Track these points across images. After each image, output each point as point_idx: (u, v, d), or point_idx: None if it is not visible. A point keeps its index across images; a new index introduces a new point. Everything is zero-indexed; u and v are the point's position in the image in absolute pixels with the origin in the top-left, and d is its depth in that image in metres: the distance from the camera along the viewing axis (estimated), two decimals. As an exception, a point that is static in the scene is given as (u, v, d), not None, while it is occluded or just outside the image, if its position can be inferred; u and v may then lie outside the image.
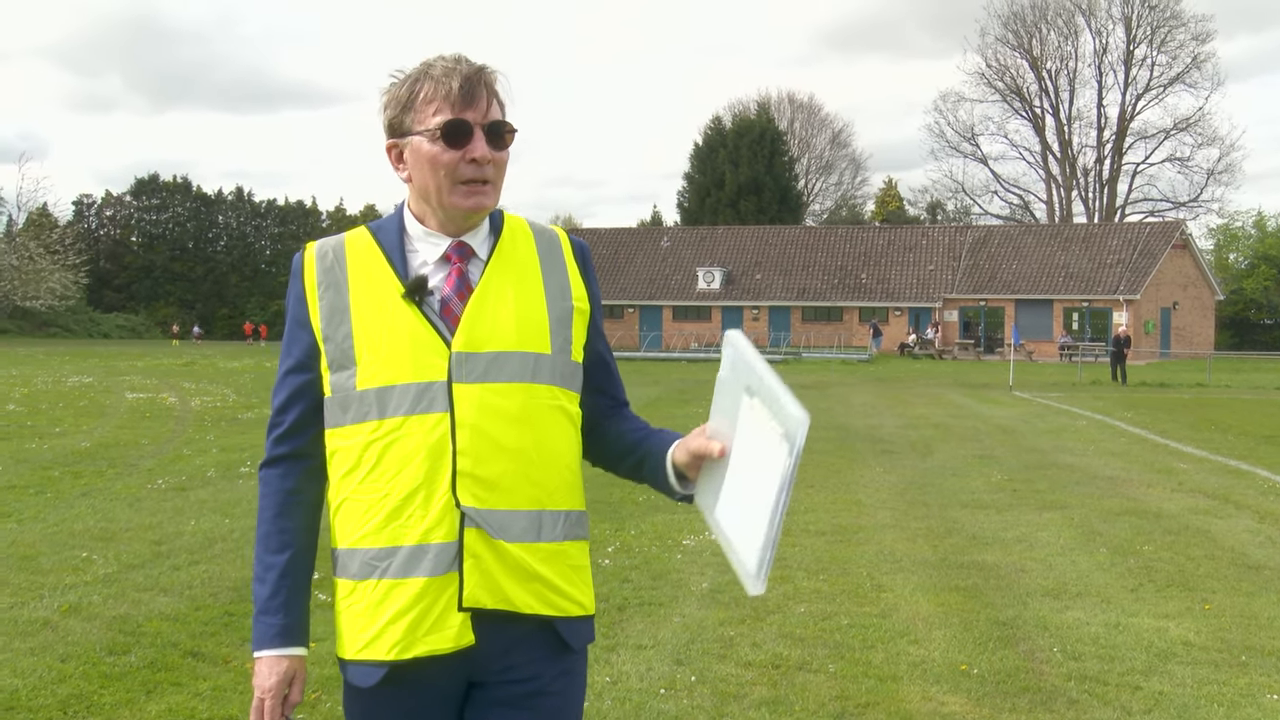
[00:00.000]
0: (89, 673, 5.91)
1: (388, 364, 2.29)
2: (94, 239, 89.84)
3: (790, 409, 2.04)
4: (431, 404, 2.27)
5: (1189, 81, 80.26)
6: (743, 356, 2.21)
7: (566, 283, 2.46)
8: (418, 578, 2.26)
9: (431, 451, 2.26)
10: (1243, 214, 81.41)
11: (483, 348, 2.30)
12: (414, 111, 2.31)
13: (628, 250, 71.81)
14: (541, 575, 2.33)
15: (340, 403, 2.33)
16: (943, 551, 9.11)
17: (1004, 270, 63.96)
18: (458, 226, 2.37)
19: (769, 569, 2.09)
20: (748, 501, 2.15)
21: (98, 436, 16.99)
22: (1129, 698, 5.72)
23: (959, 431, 19.23)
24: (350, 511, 2.32)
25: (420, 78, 2.32)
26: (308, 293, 2.38)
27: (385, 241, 2.39)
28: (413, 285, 2.32)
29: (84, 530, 9.59)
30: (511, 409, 2.31)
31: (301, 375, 2.38)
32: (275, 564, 2.37)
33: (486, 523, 2.27)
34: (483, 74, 2.32)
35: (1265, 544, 9.57)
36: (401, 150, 2.35)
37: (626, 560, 8.60)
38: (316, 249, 2.42)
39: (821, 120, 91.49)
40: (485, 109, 2.30)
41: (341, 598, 2.36)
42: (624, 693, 5.71)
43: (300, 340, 2.38)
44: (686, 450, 2.31)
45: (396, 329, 2.30)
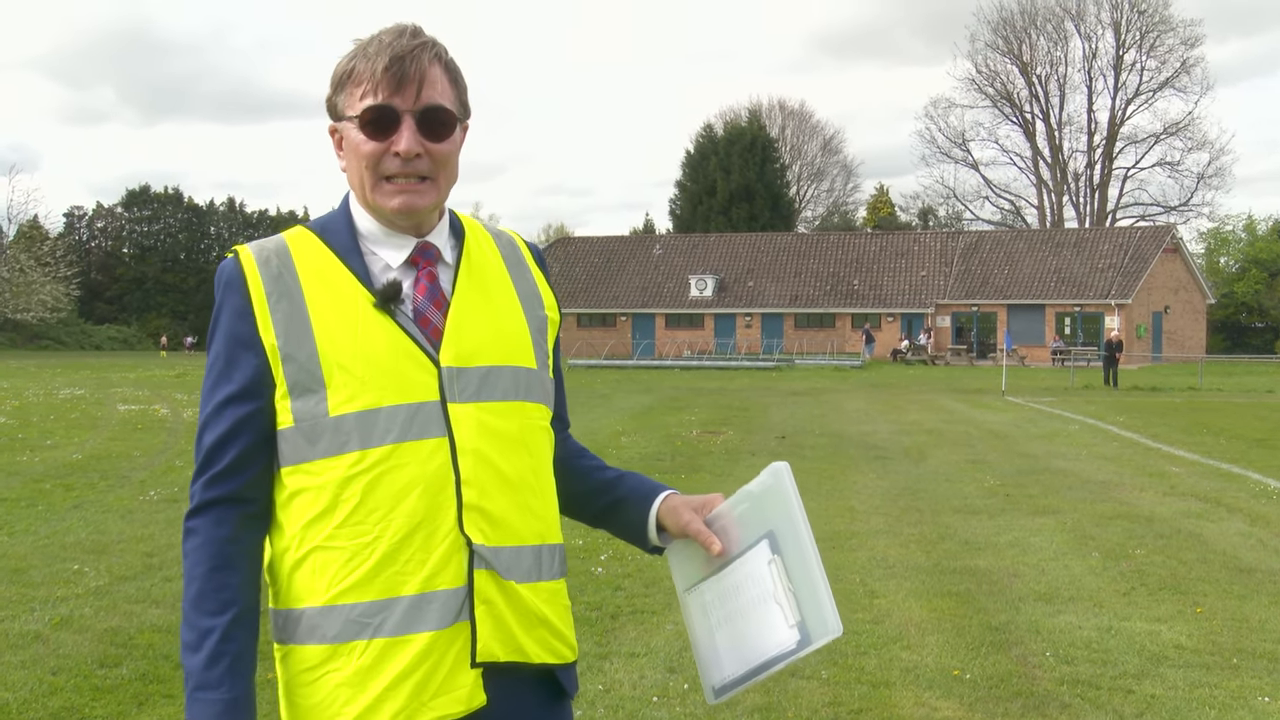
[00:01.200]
0: (80, 685, 5.90)
1: (367, 384, 1.96)
2: (85, 251, 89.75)
3: (824, 614, 1.90)
4: (425, 428, 1.97)
5: (1178, 86, 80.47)
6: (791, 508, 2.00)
7: (536, 290, 2.20)
8: (422, 632, 1.94)
9: (430, 483, 1.95)
10: (1233, 218, 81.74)
11: (472, 362, 2.03)
12: (345, 92, 2.02)
13: (620, 258, 71.82)
14: (546, 619, 2.07)
15: (307, 433, 1.97)
16: (935, 557, 9.11)
17: (996, 275, 64.05)
18: (406, 221, 2.06)
19: (731, 696, 2.04)
20: (730, 627, 2.05)
21: (89, 449, 16.96)
22: (1121, 701, 5.72)
23: (952, 437, 19.24)
24: (323, 563, 1.96)
25: (357, 54, 2.01)
26: (254, 305, 2.00)
27: (336, 243, 2.06)
28: (386, 291, 2.01)
29: (75, 543, 9.57)
30: (510, 431, 2.04)
31: (246, 404, 1.99)
32: (214, 627, 1.95)
33: (497, 562, 1.99)
34: (419, 51, 1.99)
35: (1257, 547, 9.59)
36: (341, 136, 2.06)
37: (619, 568, 8.60)
38: (255, 254, 2.05)
39: (813, 127, 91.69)
40: (417, 93, 1.98)
41: (307, 668, 1.99)
42: (617, 700, 5.70)
43: (244, 363, 1.99)
44: (679, 524, 2.12)
45: (373, 343, 1.98)
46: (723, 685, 2.05)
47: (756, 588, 2.01)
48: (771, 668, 1.97)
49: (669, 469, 14.36)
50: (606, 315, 68.85)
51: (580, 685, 5.87)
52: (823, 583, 1.92)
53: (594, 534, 9.88)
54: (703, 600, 2.12)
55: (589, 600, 7.62)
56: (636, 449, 16.90)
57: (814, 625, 1.91)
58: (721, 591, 2.08)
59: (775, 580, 1.98)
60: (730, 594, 2.06)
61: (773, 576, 1.98)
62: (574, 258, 72.58)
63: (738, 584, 2.05)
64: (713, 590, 2.10)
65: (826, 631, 1.88)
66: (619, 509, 2.24)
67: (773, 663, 1.96)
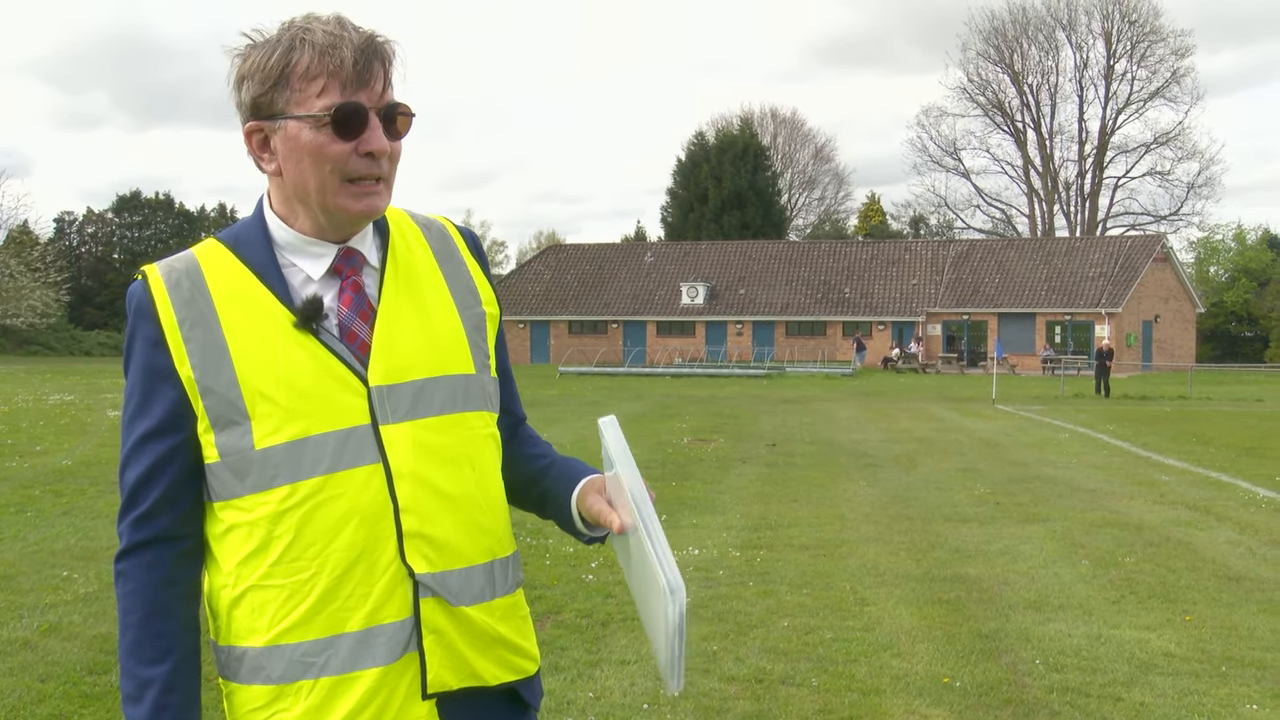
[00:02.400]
0: (69, 693, 5.88)
1: (293, 412, 1.84)
2: (75, 256, 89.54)
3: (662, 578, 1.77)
4: (358, 455, 1.85)
5: (1169, 96, 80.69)
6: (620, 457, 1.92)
7: (472, 283, 2.06)
8: (370, 669, 1.86)
9: (367, 513, 1.85)
10: (1223, 227, 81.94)
11: (404, 377, 1.90)
12: (289, 89, 1.84)
13: (611, 265, 71.84)
14: (503, 637, 1.98)
15: (234, 468, 1.86)
16: (926, 565, 9.12)
17: (986, 284, 64.16)
18: (341, 232, 1.93)
19: (681, 677, 1.86)
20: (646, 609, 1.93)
21: (79, 455, 16.91)
22: (1111, 709, 5.74)
23: (942, 445, 19.27)
24: (261, 601, 1.87)
25: (295, 44, 1.83)
26: (166, 334, 1.87)
27: (250, 257, 1.92)
28: (307, 309, 1.87)
29: (65, 549, 9.55)
30: (449, 447, 1.93)
31: (168, 439, 1.88)
32: (154, 677, 1.87)
33: (444, 588, 1.89)
34: (377, 44, 1.87)
35: (1246, 555, 9.61)
36: (268, 137, 1.89)
37: (610, 575, 8.59)
38: (164, 275, 1.91)
39: (805, 135, 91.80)
40: (381, 90, 1.86)
41: (253, 708, 1.91)
42: (607, 708, 5.70)
43: (161, 395, 1.87)
44: (591, 513, 2.00)
45: (295, 367, 1.85)
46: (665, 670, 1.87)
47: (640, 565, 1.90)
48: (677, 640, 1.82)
49: (660, 476, 14.36)
50: (598, 322, 68.86)
51: (571, 693, 5.89)
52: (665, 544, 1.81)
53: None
54: (632, 585, 1.99)
55: (579, 608, 7.62)
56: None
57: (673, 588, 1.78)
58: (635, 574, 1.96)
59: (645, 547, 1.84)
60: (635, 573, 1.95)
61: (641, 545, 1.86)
62: (565, 265, 72.59)
63: (635, 563, 1.92)
64: (632, 575, 1.97)
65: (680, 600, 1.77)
66: (547, 501, 2.12)
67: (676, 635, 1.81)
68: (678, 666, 1.84)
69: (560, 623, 7.26)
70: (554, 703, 5.77)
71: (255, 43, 1.88)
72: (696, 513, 11.60)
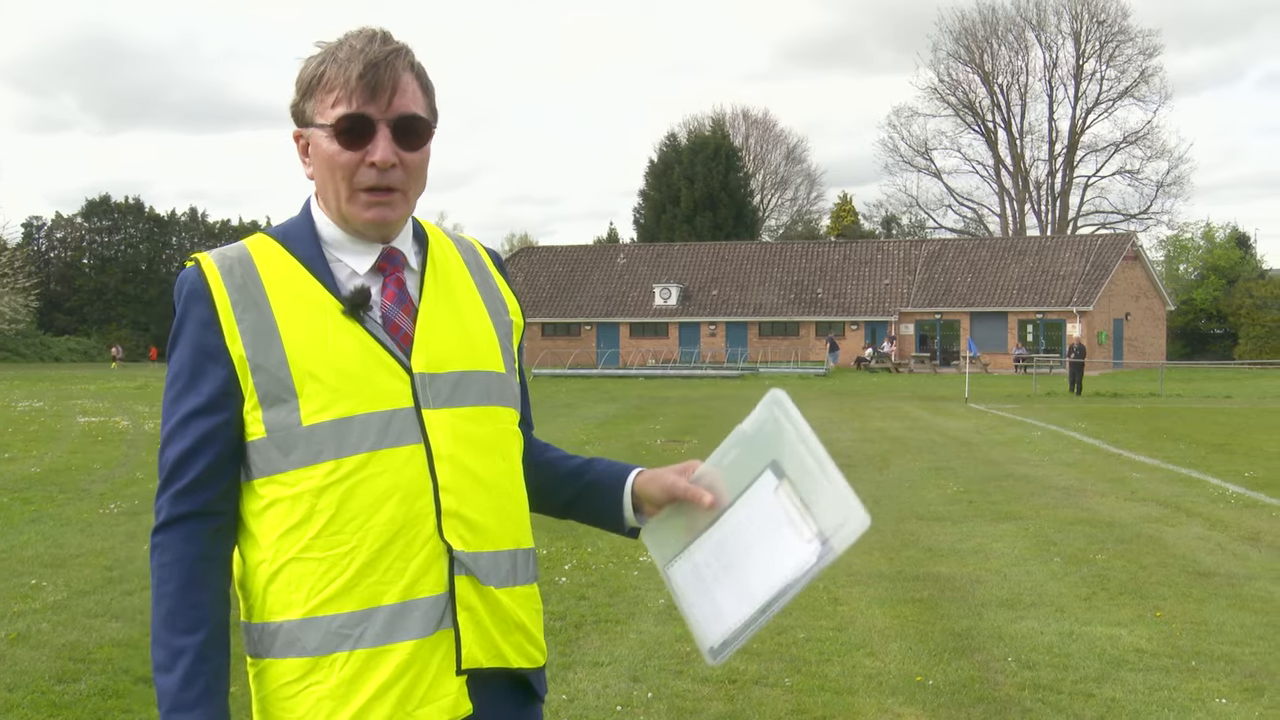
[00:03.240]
0: (38, 702, 5.83)
1: (340, 392, 1.92)
2: (44, 261, 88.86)
3: (850, 511, 1.85)
4: (401, 435, 1.93)
5: (1137, 95, 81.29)
6: (784, 426, 1.99)
7: (500, 295, 2.18)
8: (405, 641, 1.91)
9: (407, 490, 1.92)
10: (1192, 225, 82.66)
11: (444, 367, 2.00)
12: (314, 99, 1.97)
13: (584, 268, 71.83)
14: (522, 624, 2.05)
15: (280, 444, 1.93)
16: (899, 564, 9.15)
17: (959, 283, 64.46)
18: (365, 235, 2.03)
19: (733, 651, 1.94)
20: (730, 576, 1.98)
21: (48, 462, 16.79)
22: (1082, 705, 5.76)
23: (915, 444, 19.33)
24: (299, 574, 1.92)
25: (326, 58, 1.96)
26: (220, 316, 1.94)
27: (300, 251, 2.02)
28: (355, 297, 1.97)
29: (33, 557, 9.47)
30: (484, 437, 2.02)
31: (212, 417, 1.94)
32: (188, 646, 1.91)
33: (477, 567, 1.96)
34: (392, 58, 1.95)
35: (1215, 550, 9.68)
36: (307, 143, 2.02)
37: (583, 577, 8.59)
38: (217, 262, 2.00)
39: (776, 136, 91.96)
40: (390, 101, 1.95)
41: (287, 681, 1.94)
42: (581, 710, 5.69)
43: (211, 374, 1.94)
44: (662, 487, 2.09)
45: (343, 351, 1.94)
46: (724, 639, 1.95)
47: (761, 522, 1.97)
48: (785, 596, 1.90)
49: (633, 478, 14.36)
50: (571, 325, 68.83)
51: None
52: (844, 481, 1.88)
53: (558, 543, 9.86)
54: (693, 562, 2.05)
55: (553, 610, 7.60)
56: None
57: (838, 526, 1.86)
58: (716, 544, 2.02)
59: (785, 503, 1.94)
60: (728, 542, 2.01)
61: (780, 502, 1.95)
62: (538, 267, 72.52)
63: (736, 529, 2.00)
64: (704, 548, 2.03)
65: (860, 524, 1.84)
66: (590, 494, 2.21)
67: (788, 588, 1.90)
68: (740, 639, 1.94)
69: (533, 625, 7.24)
70: (527, 706, 5.75)
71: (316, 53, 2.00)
72: (670, 514, 11.59)
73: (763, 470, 1.99)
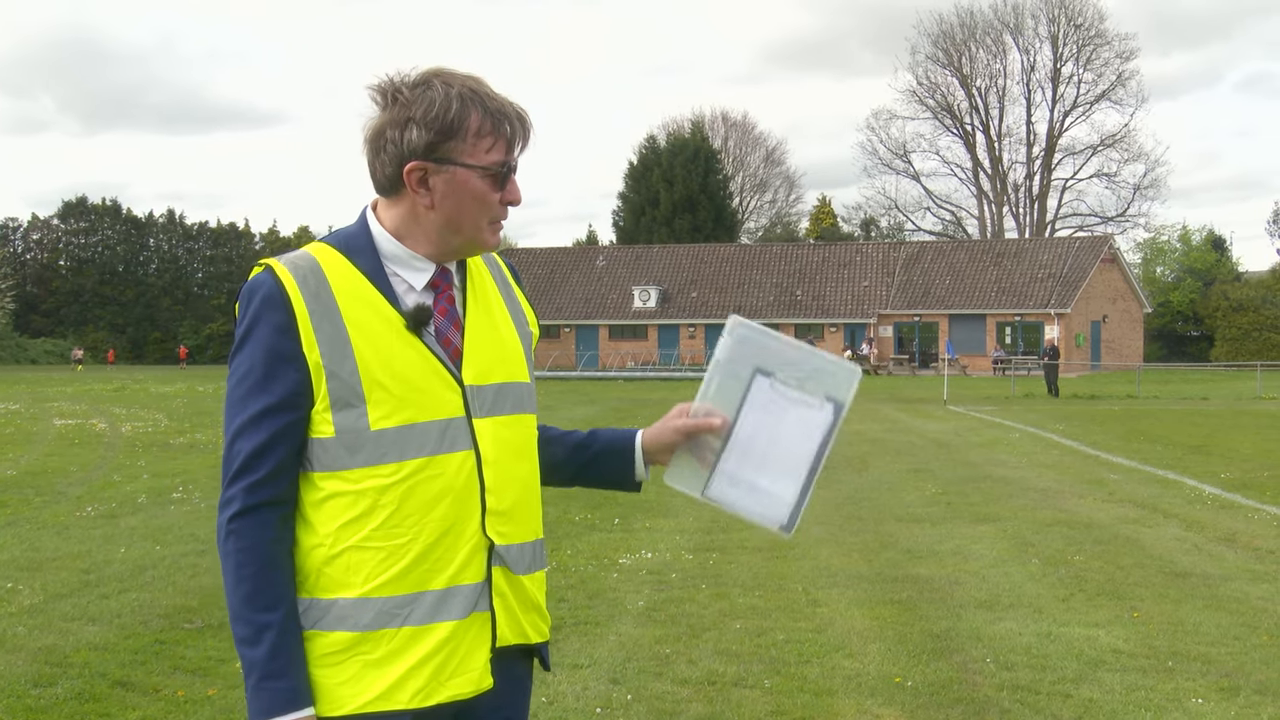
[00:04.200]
0: (14, 706, 5.80)
1: (404, 401, 2.15)
2: (20, 263, 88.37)
3: (839, 369, 2.22)
4: (455, 442, 2.18)
5: (1114, 99, 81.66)
6: (755, 338, 2.28)
7: (520, 307, 2.43)
8: (445, 622, 2.18)
9: (460, 492, 2.18)
10: (1168, 228, 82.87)
11: (488, 379, 2.25)
12: (463, 141, 2.16)
13: (563, 270, 71.83)
14: (539, 604, 2.35)
15: (348, 444, 2.15)
16: (878, 565, 9.17)
17: (937, 286, 64.68)
18: (457, 255, 2.28)
19: (800, 517, 2.29)
20: (767, 467, 2.27)
21: (24, 464, 16.70)
22: (1060, 706, 5.79)
23: (894, 446, 19.38)
24: (358, 560, 2.15)
25: (469, 103, 2.17)
26: (299, 322, 2.13)
27: (362, 263, 2.21)
28: (418, 314, 2.19)
29: (9, 560, 9.41)
30: (518, 441, 2.29)
31: (286, 415, 2.14)
32: (271, 622, 2.13)
33: (509, 558, 2.25)
34: (525, 114, 2.26)
35: (1192, 551, 9.73)
36: (428, 175, 2.18)
37: (563, 580, 8.58)
38: (293, 271, 2.17)
39: (755, 138, 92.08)
40: (521, 152, 2.26)
41: (333, 650, 2.17)
42: (560, 713, 5.69)
43: (285, 376, 2.13)
44: (671, 430, 2.36)
45: (407, 363, 2.17)
46: (790, 512, 2.29)
47: (771, 415, 2.26)
48: (823, 456, 2.24)
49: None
50: (550, 327, 68.77)
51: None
52: (821, 354, 2.24)
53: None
54: (726, 475, 2.30)
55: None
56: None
57: (838, 385, 2.23)
58: (740, 452, 2.29)
59: (784, 391, 2.25)
60: (751, 445, 2.28)
61: (780, 392, 2.26)
62: (518, 269, 72.26)
63: (752, 431, 2.28)
64: (730, 460, 2.30)
65: (852, 375, 2.22)
66: (601, 460, 2.49)
67: (822, 449, 2.24)
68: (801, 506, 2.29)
69: (513, 628, 7.23)
70: (506, 708, 5.75)
71: (412, 90, 2.17)
72: (650, 516, 11.60)
73: (751, 378, 2.27)
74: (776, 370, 2.25)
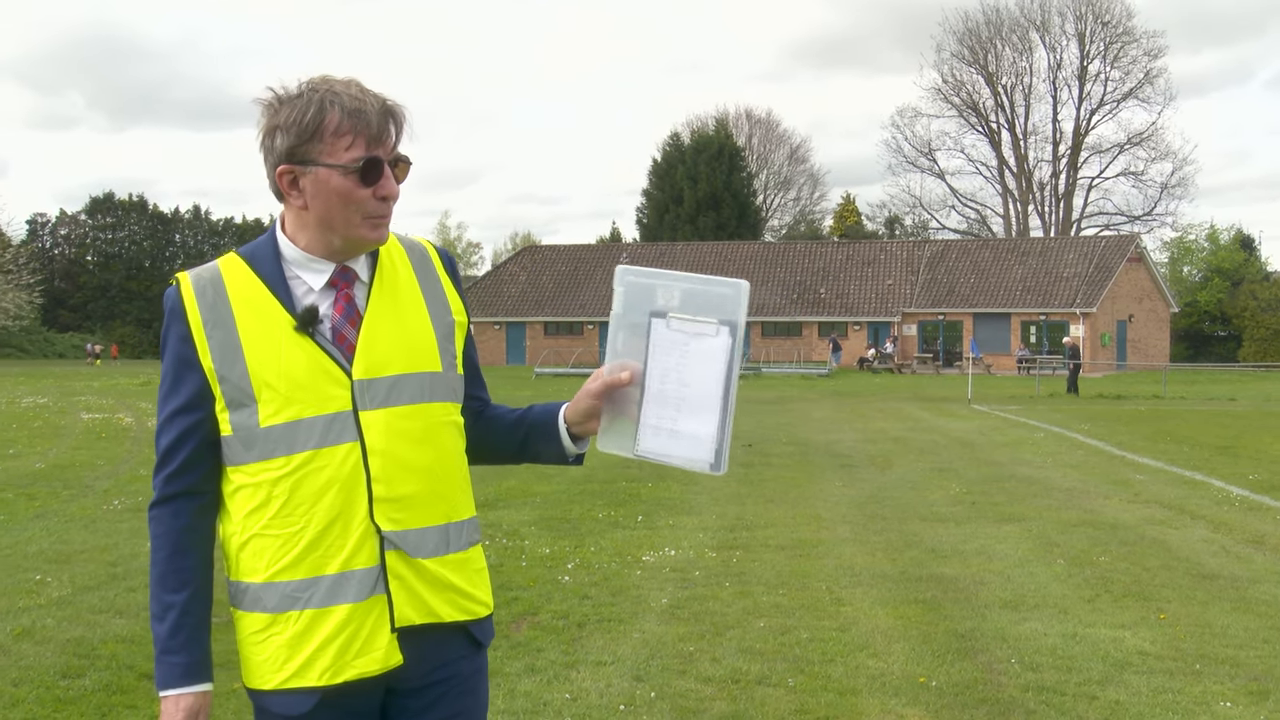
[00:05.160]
0: (43, 697, 5.84)
1: (290, 399, 2.28)
2: (49, 258, 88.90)
3: (725, 287, 2.20)
4: (340, 435, 2.29)
5: (1141, 97, 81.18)
6: (642, 283, 2.29)
7: (444, 297, 2.49)
8: (342, 604, 2.30)
9: (345, 482, 2.29)
10: (1196, 227, 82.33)
11: (381, 373, 2.33)
12: (321, 142, 2.25)
13: (587, 267, 71.81)
14: (454, 584, 2.40)
15: (243, 441, 2.31)
16: (902, 565, 9.15)
17: (962, 284, 64.40)
18: (350, 254, 2.36)
19: (728, 452, 2.25)
20: (684, 409, 2.27)
21: (52, 458, 16.81)
22: (1086, 708, 5.76)
23: (918, 445, 19.32)
24: (261, 547, 2.31)
25: (325, 104, 2.25)
26: (193, 332, 2.32)
27: (264, 271, 2.35)
28: (305, 316, 2.30)
29: (38, 553, 9.48)
30: (415, 430, 2.35)
31: (190, 415, 2.34)
32: (175, 602, 2.33)
33: (404, 543, 2.33)
34: (391, 108, 2.31)
35: (1219, 553, 9.67)
36: (297, 177, 2.29)
37: (586, 577, 8.59)
38: (193, 284, 2.36)
39: (780, 136, 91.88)
40: (393, 144, 2.31)
41: (254, 630, 2.35)
42: (583, 709, 5.70)
43: (188, 380, 2.33)
44: (586, 395, 2.39)
45: (294, 362, 2.29)
46: (714, 451, 2.26)
47: (674, 355, 2.27)
48: (732, 382, 2.23)
49: (636, 477, 14.37)
50: (573, 324, 68.81)
51: (547, 694, 5.88)
52: (704, 278, 2.23)
53: (560, 542, 9.87)
54: (649, 426, 2.32)
55: (555, 609, 7.61)
56: (602, 457, 16.73)
57: (729, 305, 2.21)
58: (656, 400, 2.31)
59: (680, 327, 2.26)
60: (664, 390, 2.29)
61: (677, 329, 2.27)
62: (541, 266, 72.56)
63: (661, 376, 2.29)
64: (649, 411, 2.31)
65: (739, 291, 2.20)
66: (534, 435, 2.54)
67: (729, 376, 2.23)
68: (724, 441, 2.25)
69: (536, 624, 7.25)
70: (530, 704, 5.76)
71: (283, 98, 2.29)
72: (673, 514, 11.60)
73: (648, 323, 2.29)
74: (668, 307, 2.26)
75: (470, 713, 2.48)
